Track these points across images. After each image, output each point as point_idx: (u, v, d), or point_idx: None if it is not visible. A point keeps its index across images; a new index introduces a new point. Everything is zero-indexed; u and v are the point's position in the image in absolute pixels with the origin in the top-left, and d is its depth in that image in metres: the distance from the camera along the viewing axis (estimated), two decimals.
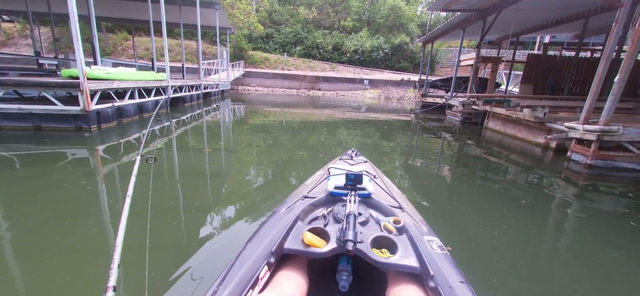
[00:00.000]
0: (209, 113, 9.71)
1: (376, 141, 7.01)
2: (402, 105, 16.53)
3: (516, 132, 7.27)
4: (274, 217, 1.12)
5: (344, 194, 1.22)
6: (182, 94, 9.51)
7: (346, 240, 0.85)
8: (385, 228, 1.02)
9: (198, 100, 11.20)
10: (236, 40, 21.97)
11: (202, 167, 4.12)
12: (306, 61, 24.23)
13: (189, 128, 6.63)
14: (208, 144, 5.53)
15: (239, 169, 4.15)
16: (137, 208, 3.01)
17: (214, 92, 13.37)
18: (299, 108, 12.43)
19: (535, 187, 4.28)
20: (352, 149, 2.18)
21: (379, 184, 1.39)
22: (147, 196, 2.47)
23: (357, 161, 1.91)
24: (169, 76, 8.45)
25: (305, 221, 1.12)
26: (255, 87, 20.74)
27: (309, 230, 0.96)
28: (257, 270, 0.84)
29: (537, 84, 11.60)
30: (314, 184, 1.47)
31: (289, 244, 0.93)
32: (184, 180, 3.58)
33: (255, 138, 6.21)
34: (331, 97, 19.20)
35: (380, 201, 1.21)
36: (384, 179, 1.72)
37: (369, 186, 1.28)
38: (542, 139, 6.40)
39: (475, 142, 7.55)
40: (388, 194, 1.32)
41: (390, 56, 25.31)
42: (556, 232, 2.99)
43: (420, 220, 1.18)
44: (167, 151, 4.77)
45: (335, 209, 1.14)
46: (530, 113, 6.26)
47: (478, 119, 9.34)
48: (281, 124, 8.51)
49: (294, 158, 4.77)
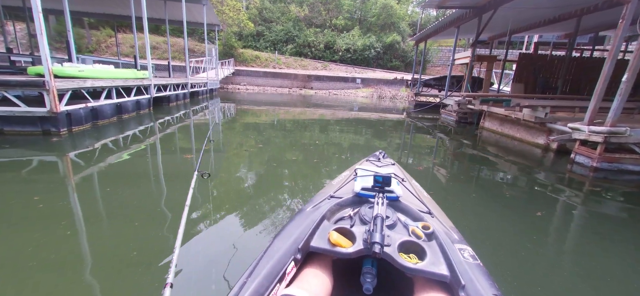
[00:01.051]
0: (196, 113, 9.18)
1: (369, 140, 6.66)
2: (394, 104, 16.27)
3: (514, 133, 7.03)
4: (301, 215, 1.13)
5: (371, 196, 1.19)
6: (166, 94, 8.95)
7: (373, 242, 0.84)
8: (413, 233, 0.99)
9: (184, 100, 10.63)
10: (226, 38, 21.30)
11: (188, 170, 3.68)
12: (298, 59, 23.74)
13: (174, 129, 6.13)
14: (195, 144, 5.07)
15: (228, 171, 3.72)
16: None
17: (202, 91, 12.79)
18: (290, 107, 11.99)
19: (539, 191, 4.02)
20: (379, 151, 2.11)
21: (408, 188, 1.36)
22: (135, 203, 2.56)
23: (384, 163, 1.87)
24: (152, 74, 7.89)
25: (331, 220, 1.11)
26: (245, 86, 20.16)
27: (335, 230, 0.94)
28: (284, 265, 0.85)
29: (529, 83, 11.50)
30: (340, 184, 1.46)
31: (315, 243, 0.93)
32: (161, 182, 3.13)
33: (246, 139, 5.77)
34: (323, 96, 18.81)
35: (408, 205, 1.18)
36: (413, 183, 1.67)
37: (397, 189, 1.24)
38: (542, 140, 6.16)
39: (472, 143, 7.30)
40: (417, 199, 1.29)
41: (382, 54, 25.06)
42: (568, 239, 2.74)
43: (450, 227, 1.13)
44: (149, 154, 4.30)
45: (362, 210, 1.12)
46: (530, 113, 6.01)
47: (474, 118, 9.10)
48: (273, 124, 8.08)
49: (286, 159, 4.37)
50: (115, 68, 7.56)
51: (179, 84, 9.99)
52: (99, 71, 6.14)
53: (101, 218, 2.50)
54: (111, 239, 2.21)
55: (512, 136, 7.09)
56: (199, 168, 1.91)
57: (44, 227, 2.29)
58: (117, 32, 22.96)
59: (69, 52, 7.24)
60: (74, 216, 2.50)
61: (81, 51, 21.15)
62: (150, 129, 6.16)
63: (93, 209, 2.67)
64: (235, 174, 3.87)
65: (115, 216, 2.53)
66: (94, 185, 3.27)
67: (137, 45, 9.51)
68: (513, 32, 11.32)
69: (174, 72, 14.77)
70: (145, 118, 7.20)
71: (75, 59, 7.22)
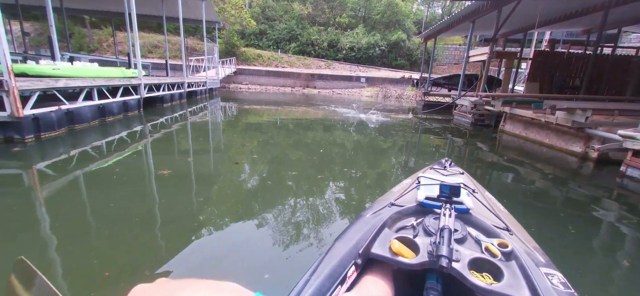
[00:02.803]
0: (194, 114, 8.45)
1: (378, 144, 5.87)
2: (400, 104, 15.42)
3: (542, 138, 6.17)
4: (361, 221, 1.09)
5: (437, 207, 1.09)
6: (159, 94, 8.21)
7: (439, 255, 0.76)
8: (487, 250, 0.87)
9: (181, 100, 9.88)
10: (227, 36, 20.55)
11: (172, 182, 2.93)
12: (301, 58, 22.93)
13: (165, 133, 5.39)
14: (192, 146, 4.32)
15: (227, 181, 2.96)
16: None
17: (201, 91, 12.03)
18: (292, 107, 11.19)
19: (583, 208, 3.29)
20: (445, 159, 1.95)
21: (480, 200, 1.21)
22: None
23: (451, 172, 1.74)
24: (141, 73, 7.14)
25: (392, 228, 1.05)
26: (247, 85, 19.40)
27: (396, 238, 0.88)
28: (345, 268, 0.83)
29: (544, 82, 10.61)
30: (401, 192, 1.39)
31: (376, 250, 0.88)
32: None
33: (244, 145, 5.00)
34: (327, 96, 18.00)
35: (481, 219, 1.04)
36: (486, 195, 1.48)
37: (468, 201, 1.10)
38: (578, 147, 5.32)
39: (490, 148, 6.49)
40: (491, 212, 1.13)
41: (387, 53, 24.14)
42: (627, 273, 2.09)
43: (534, 247, 0.96)
44: (132, 162, 3.55)
45: (426, 221, 1.02)
46: (566, 117, 5.16)
47: (491, 121, 8.25)
48: (274, 125, 7.31)
49: (287, 174, 3.60)
50: (109, 67, 6.85)
51: (174, 83, 9.24)
52: (78, 70, 5.41)
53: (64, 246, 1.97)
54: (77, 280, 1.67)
55: (540, 141, 6.24)
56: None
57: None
58: (118, 30, 22.40)
59: (51, 49, 6.51)
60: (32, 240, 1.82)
61: (82, 50, 20.59)
62: (138, 133, 5.42)
63: (57, 232, 2.18)
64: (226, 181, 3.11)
65: (83, 240, 2.07)
66: (59, 202, 2.58)
67: (131, 42, 8.75)
68: (530, 28, 10.42)
69: (174, 72, 14.09)
70: (134, 121, 6.46)
71: (58, 57, 6.49)
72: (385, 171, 4.36)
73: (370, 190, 3.49)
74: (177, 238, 2.20)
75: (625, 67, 10.03)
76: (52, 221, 2.37)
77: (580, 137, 5.29)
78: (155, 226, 2.36)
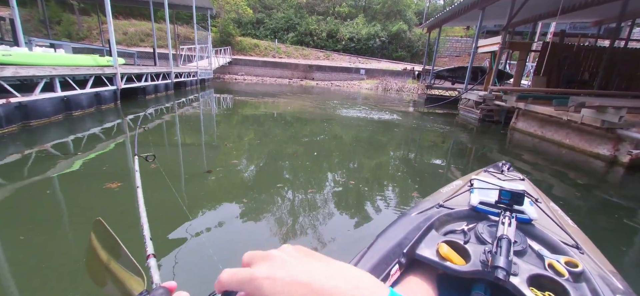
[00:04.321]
0: (183, 106, 7.73)
1: (385, 143, 5.19)
2: (401, 97, 14.66)
3: (562, 138, 5.49)
4: (405, 219, 1.06)
5: (494, 213, 1.00)
6: (141, 84, 7.44)
7: (495, 266, 0.68)
8: (551, 267, 0.77)
9: (167, 91, 9.10)
10: (223, 24, 19.56)
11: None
12: (299, 48, 21.99)
13: (139, 130, 4.68)
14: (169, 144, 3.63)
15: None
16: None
17: (190, 82, 11.22)
18: (291, 99, 10.42)
19: (629, 219, 2.64)
20: (502, 162, 1.73)
21: (544, 211, 1.11)
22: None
23: (509, 177, 1.55)
24: (118, 61, 6.36)
25: (440, 231, 0.97)
26: (243, 76, 18.54)
27: (444, 242, 0.83)
28: (389, 265, 0.82)
29: (552, 75, 9.88)
30: (451, 194, 1.30)
31: (422, 251, 0.83)
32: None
33: (245, 139, 4.30)
34: (325, 88, 17.20)
35: (546, 233, 0.93)
36: (551, 206, 1.33)
37: (531, 211, 0.98)
38: (606, 150, 4.63)
39: (499, 147, 5.85)
40: (558, 226, 1.02)
41: (388, 44, 23.21)
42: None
43: (610, 271, 0.85)
44: (99, 163, 2.86)
45: (480, 227, 0.93)
46: (594, 116, 4.46)
47: (501, 117, 7.55)
48: (270, 120, 6.58)
49: (280, 181, 2.92)
50: (77, 55, 6.07)
51: (159, 73, 8.44)
52: (35, 56, 4.65)
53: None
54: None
55: (558, 141, 5.55)
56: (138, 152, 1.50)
57: None
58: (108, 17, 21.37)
59: (15, 35, 5.73)
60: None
61: (71, 38, 19.58)
62: (112, 129, 4.70)
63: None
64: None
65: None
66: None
67: (112, 28, 7.91)
68: (545, 17, 9.61)
69: (166, 61, 13.24)
70: (109, 114, 5.73)
71: (22, 43, 5.70)
72: (408, 174, 3.68)
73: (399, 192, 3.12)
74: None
75: (638, 60, 9.31)
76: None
77: (608, 138, 4.60)
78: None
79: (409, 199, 3.10)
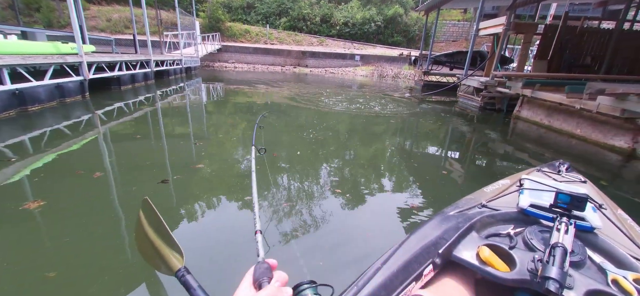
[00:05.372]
0: (166, 96, 7.12)
1: (380, 133, 4.65)
2: (397, 83, 14.04)
3: (572, 128, 4.99)
4: (442, 217, 0.96)
5: (548, 218, 0.91)
6: (114, 74, 6.75)
7: (546, 277, 0.61)
8: (615, 283, 0.68)
9: (146, 81, 8.39)
10: (211, 9, 18.52)
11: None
12: (291, 34, 21.05)
13: (118, 124, 4.07)
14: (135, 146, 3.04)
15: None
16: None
17: (174, 71, 10.47)
18: (282, 88, 9.75)
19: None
20: (559, 161, 1.54)
21: (610, 218, 0.97)
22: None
23: (568, 178, 1.36)
24: (84, 49, 5.66)
25: (481, 233, 0.90)
26: (234, 63, 17.68)
27: (486, 245, 0.77)
28: (421, 265, 0.76)
29: (554, 59, 9.33)
30: (496, 193, 1.20)
31: (459, 253, 0.78)
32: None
33: (226, 137, 3.74)
34: (319, 75, 16.49)
35: (610, 243, 0.83)
36: (619, 213, 1.13)
37: (594, 218, 0.88)
38: (623, 141, 4.15)
39: (501, 137, 5.41)
40: (627, 237, 0.89)
41: (383, 29, 22.31)
42: None
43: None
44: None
45: (529, 232, 0.84)
46: (613, 103, 3.95)
47: (503, 105, 7.02)
48: (261, 109, 5.98)
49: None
50: (34, 42, 5.34)
51: (136, 61, 7.71)
52: None
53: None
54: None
55: (568, 132, 5.06)
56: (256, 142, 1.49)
57: None
58: (91, 3, 20.14)
59: None
60: None
61: (52, 25, 18.45)
62: (77, 126, 4.10)
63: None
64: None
65: None
66: None
67: (74, 11, 7.13)
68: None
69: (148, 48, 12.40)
70: (74, 109, 5.09)
71: None
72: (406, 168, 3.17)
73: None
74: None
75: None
76: None
77: (626, 129, 4.11)
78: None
79: (408, 193, 2.89)
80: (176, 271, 0.56)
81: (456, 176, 3.45)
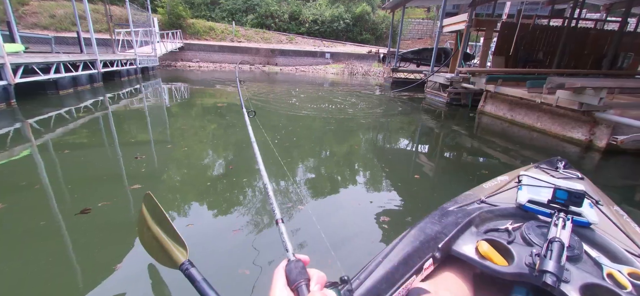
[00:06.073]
0: (118, 100, 6.34)
1: (345, 128, 4.41)
2: (367, 81, 14.02)
3: (533, 122, 5.11)
4: (442, 213, 0.99)
5: (545, 213, 0.92)
6: (50, 77, 5.83)
7: (544, 270, 0.63)
8: (611, 278, 0.69)
9: (92, 83, 7.44)
10: (171, 5, 17.23)
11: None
12: (259, 31, 20.29)
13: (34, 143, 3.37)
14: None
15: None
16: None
17: (127, 71, 9.47)
18: (249, 87, 9.20)
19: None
20: (557, 157, 1.55)
21: (607, 215, 0.98)
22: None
23: (566, 175, 1.37)
24: (6, 49, 4.78)
25: (480, 228, 0.92)
26: (198, 62, 16.62)
27: (485, 240, 0.78)
28: (421, 259, 0.78)
29: (510, 55, 9.79)
30: (494, 189, 1.20)
31: (459, 247, 0.79)
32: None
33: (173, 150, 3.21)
34: (290, 73, 16.02)
35: (606, 239, 0.85)
36: (614, 209, 1.16)
37: (591, 214, 0.90)
38: (581, 134, 4.27)
39: (467, 131, 5.44)
40: (622, 232, 0.91)
41: (352, 26, 22.30)
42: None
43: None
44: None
45: (527, 227, 0.85)
46: (571, 97, 4.03)
47: (468, 100, 7.13)
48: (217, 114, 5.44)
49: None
50: None
51: (78, 62, 6.77)
52: None
53: None
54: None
55: (529, 125, 5.17)
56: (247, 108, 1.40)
57: None
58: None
59: None
60: None
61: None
62: (3, 138, 3.35)
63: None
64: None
65: None
66: None
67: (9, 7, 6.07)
68: None
69: (102, 48, 11.16)
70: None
71: None
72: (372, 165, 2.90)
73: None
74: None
75: (586, 39, 9.50)
76: None
77: (583, 121, 4.23)
78: None
79: (382, 189, 2.81)
80: (180, 265, 0.60)
81: (428, 173, 3.29)
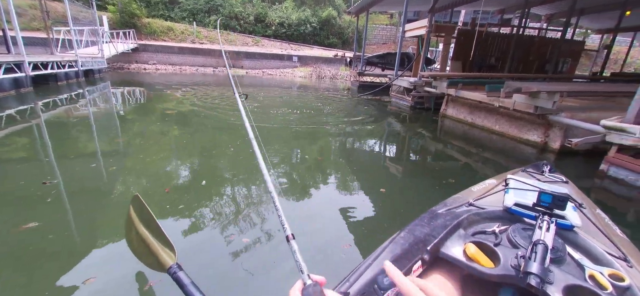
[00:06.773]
0: (52, 108, 5.45)
1: (322, 136, 4.12)
2: (335, 85, 13.93)
3: (492, 125, 5.23)
4: (431, 216, 1.00)
5: (530, 216, 0.92)
6: None
7: (528, 272, 0.63)
8: (592, 279, 0.69)
9: (18, 88, 6.32)
10: (123, 3, 15.71)
11: None
12: (224, 33, 19.34)
13: None
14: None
15: None
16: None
17: (65, 74, 8.29)
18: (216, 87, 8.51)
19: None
20: (543, 162, 1.58)
21: (589, 218, 1.02)
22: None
23: (551, 178, 1.40)
24: None
25: (468, 231, 0.92)
26: (155, 64, 15.31)
27: (472, 242, 0.78)
28: (410, 261, 0.78)
29: (466, 60, 10.32)
30: (482, 192, 1.21)
31: (447, 250, 0.79)
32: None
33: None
34: (257, 77, 15.43)
35: (588, 241, 0.84)
36: (596, 213, 1.18)
37: (574, 217, 0.89)
38: (536, 136, 4.41)
39: (431, 135, 5.47)
40: (603, 234, 0.93)
41: (319, 30, 22.21)
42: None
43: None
44: None
45: (513, 230, 0.85)
46: (526, 101, 4.13)
47: (430, 103, 7.24)
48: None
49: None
50: None
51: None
52: None
53: None
54: None
55: (489, 128, 5.30)
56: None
57: None
58: None
59: None
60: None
61: None
62: None
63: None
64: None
65: None
66: None
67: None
68: (459, 4, 9.70)
69: (40, 47, 9.71)
70: None
71: None
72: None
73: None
74: None
75: (530, 47, 10.30)
76: None
77: (538, 124, 4.38)
78: None
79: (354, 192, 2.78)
80: (168, 268, 0.59)
81: (397, 176, 3.11)
